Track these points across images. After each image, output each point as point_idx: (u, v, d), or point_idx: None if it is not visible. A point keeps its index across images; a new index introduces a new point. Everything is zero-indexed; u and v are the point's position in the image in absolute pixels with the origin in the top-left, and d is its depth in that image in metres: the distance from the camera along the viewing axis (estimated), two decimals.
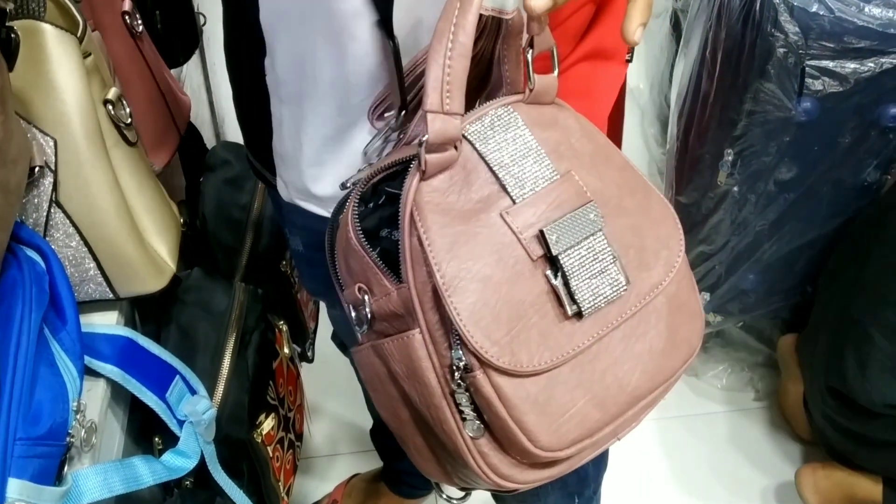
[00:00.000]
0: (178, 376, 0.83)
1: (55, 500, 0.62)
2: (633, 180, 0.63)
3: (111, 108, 0.81)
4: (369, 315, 0.60)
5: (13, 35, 0.70)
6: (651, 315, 0.61)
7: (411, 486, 1.38)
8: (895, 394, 1.24)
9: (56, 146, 0.75)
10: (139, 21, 0.98)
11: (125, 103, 0.83)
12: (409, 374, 0.58)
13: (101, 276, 0.81)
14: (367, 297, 0.59)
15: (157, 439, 0.86)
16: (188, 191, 1.22)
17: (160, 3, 1.12)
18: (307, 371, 1.22)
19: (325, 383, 1.54)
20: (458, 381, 0.55)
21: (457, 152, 0.57)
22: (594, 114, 0.74)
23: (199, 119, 1.56)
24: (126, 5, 0.96)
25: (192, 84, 1.59)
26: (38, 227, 0.77)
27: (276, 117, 0.71)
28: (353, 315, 0.62)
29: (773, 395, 1.65)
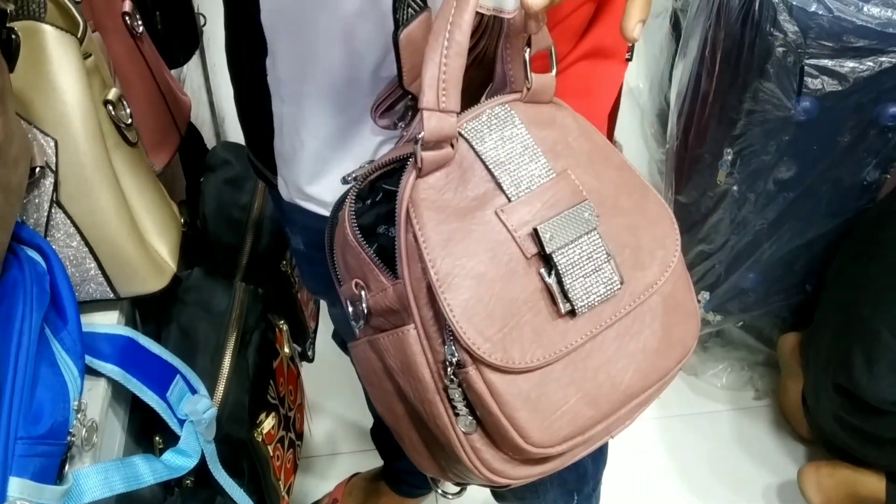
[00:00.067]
0: (178, 376, 0.83)
1: (56, 499, 0.62)
2: (630, 180, 0.63)
3: (112, 108, 0.81)
4: (366, 310, 0.60)
5: (14, 36, 0.70)
6: (646, 314, 0.61)
7: (411, 485, 1.37)
8: None
9: (57, 147, 0.75)
10: (139, 22, 0.98)
11: (126, 104, 0.83)
12: (403, 369, 0.59)
13: (101, 275, 0.81)
14: (363, 292, 0.60)
15: (157, 438, 0.86)
16: (188, 191, 1.22)
17: (160, 4, 1.12)
18: (307, 370, 1.23)
19: (325, 383, 1.54)
20: (451, 376, 0.56)
21: (453, 150, 0.57)
22: (593, 112, 0.74)
23: (199, 119, 1.56)
24: (126, 6, 0.96)
25: (193, 84, 1.59)
26: (38, 228, 0.77)
27: (277, 117, 0.71)
28: (350, 310, 0.62)
29: (773, 393, 1.64)
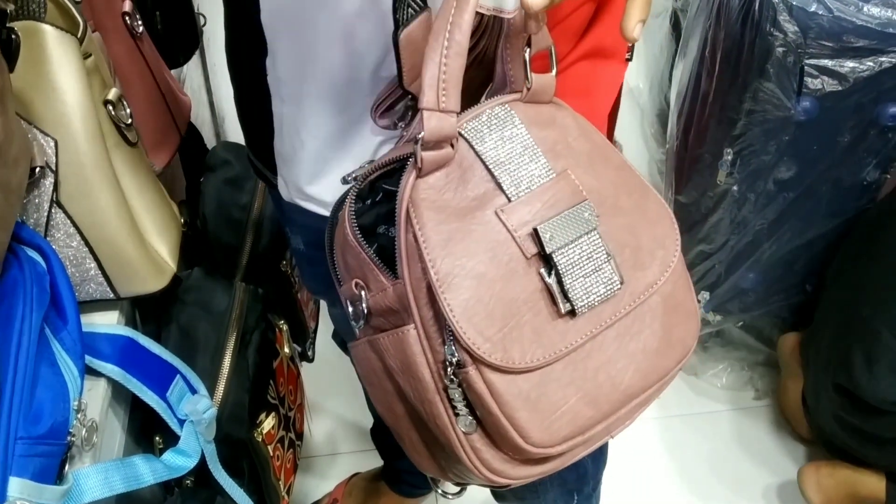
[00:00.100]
0: (178, 376, 0.83)
1: (56, 499, 0.62)
2: (630, 180, 0.63)
3: (112, 108, 0.81)
4: (366, 310, 0.60)
5: (14, 36, 0.70)
6: (646, 314, 0.61)
7: (412, 485, 1.37)
8: None
9: (57, 147, 0.75)
10: (139, 22, 0.98)
11: (125, 104, 0.83)
12: (403, 369, 0.59)
13: (101, 275, 0.81)
14: (363, 292, 0.60)
15: (157, 438, 0.86)
16: (188, 191, 1.22)
17: (160, 4, 1.12)
18: (307, 370, 1.23)
19: (325, 383, 1.54)
20: (451, 376, 0.56)
21: (453, 150, 0.57)
22: (593, 112, 0.74)
23: (199, 119, 1.56)
24: (126, 6, 0.96)
25: (193, 84, 1.59)
26: (38, 228, 0.77)
27: (278, 117, 0.71)
28: (350, 310, 0.62)
29: (773, 393, 1.64)
